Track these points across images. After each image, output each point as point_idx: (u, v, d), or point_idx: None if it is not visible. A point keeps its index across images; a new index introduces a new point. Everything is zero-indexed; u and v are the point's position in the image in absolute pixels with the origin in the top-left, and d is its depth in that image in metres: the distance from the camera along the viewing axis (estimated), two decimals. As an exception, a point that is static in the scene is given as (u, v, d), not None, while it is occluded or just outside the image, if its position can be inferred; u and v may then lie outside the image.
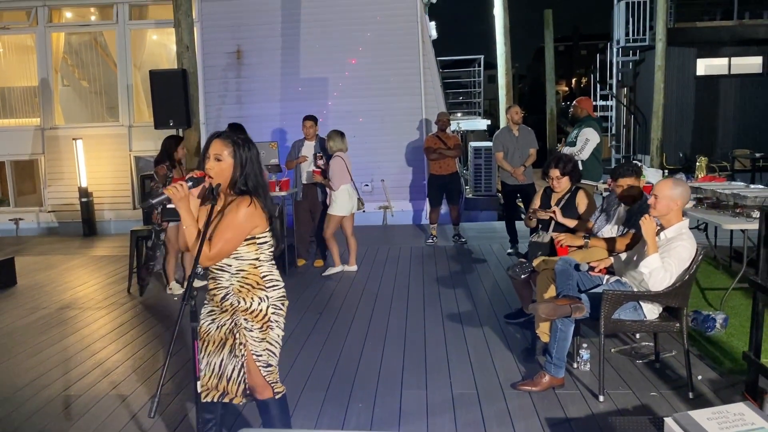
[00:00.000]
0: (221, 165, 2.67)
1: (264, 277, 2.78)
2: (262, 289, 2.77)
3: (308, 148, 7.58)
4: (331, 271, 7.22)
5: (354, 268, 7.37)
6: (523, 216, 8.95)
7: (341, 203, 7.02)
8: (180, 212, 2.58)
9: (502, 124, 15.27)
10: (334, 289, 6.61)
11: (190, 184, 2.55)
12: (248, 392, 2.84)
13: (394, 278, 6.99)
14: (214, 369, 2.81)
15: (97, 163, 11.04)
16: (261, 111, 11.16)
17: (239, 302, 2.76)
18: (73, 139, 10.70)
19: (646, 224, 3.65)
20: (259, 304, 2.76)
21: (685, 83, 15.90)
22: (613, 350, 4.59)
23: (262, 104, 11.18)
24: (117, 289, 6.92)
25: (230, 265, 2.75)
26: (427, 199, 9.33)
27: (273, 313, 2.79)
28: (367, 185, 11.08)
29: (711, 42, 15.73)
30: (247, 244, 2.73)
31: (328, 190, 7.19)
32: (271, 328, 2.80)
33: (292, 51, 11.12)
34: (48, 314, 6.05)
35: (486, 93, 16.62)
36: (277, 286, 2.82)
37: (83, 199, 10.57)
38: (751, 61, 15.88)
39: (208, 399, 2.83)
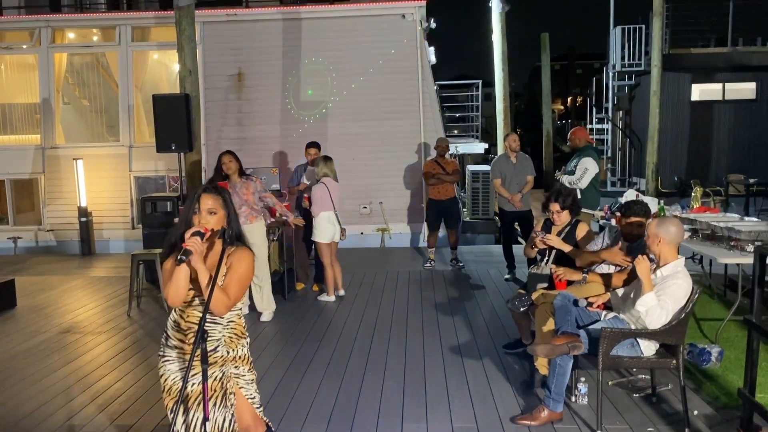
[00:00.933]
0: (216, 218, 2.78)
1: (244, 326, 2.98)
2: (243, 337, 2.95)
3: (310, 173, 7.66)
4: (324, 298, 7.27)
5: (332, 298, 7.28)
6: (520, 239, 9.07)
7: (321, 230, 7.07)
8: (197, 267, 2.63)
9: (499, 144, 15.44)
10: (332, 316, 6.65)
11: (198, 238, 2.62)
12: None
13: (392, 304, 7.04)
14: (196, 426, 2.78)
15: (96, 182, 11.11)
16: (261, 133, 11.28)
17: (228, 352, 2.86)
18: (74, 159, 10.77)
19: (641, 265, 3.74)
20: (242, 349, 2.93)
21: (680, 108, 16.10)
22: (610, 383, 4.65)
23: (262, 126, 11.30)
24: (117, 313, 6.95)
25: (223, 317, 2.83)
26: (425, 223, 9.42)
27: (251, 355, 2.99)
28: (365, 207, 11.18)
29: (705, 68, 15.96)
30: None
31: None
32: (253, 368, 2.98)
33: (292, 74, 11.25)
34: (49, 338, 6.08)
35: (483, 111, 16.84)
36: (248, 334, 3.02)
37: (82, 219, 10.62)
38: (745, 86, 16.10)
39: None
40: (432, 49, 12.37)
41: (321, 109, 11.26)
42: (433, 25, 11.64)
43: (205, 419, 2.62)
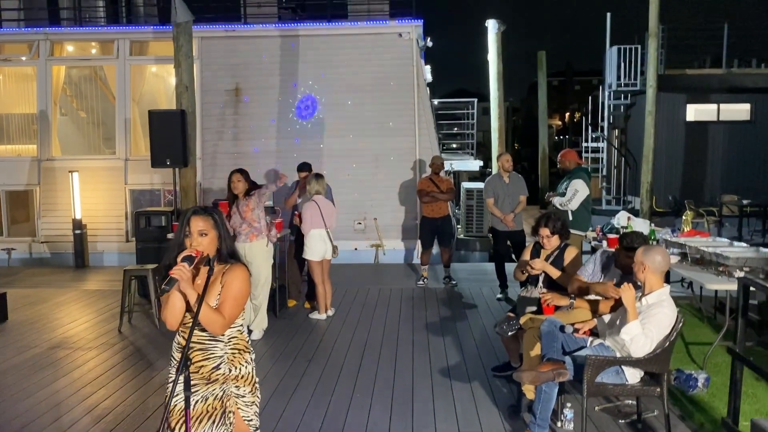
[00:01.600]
0: (208, 239, 2.80)
1: (247, 341, 2.97)
2: (248, 353, 2.94)
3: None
4: (315, 316, 7.29)
5: (323, 317, 7.29)
6: (513, 257, 9.09)
7: (312, 248, 7.10)
8: (186, 292, 2.66)
9: (494, 160, 15.53)
10: (323, 334, 6.66)
11: (187, 263, 2.65)
12: None
13: (384, 323, 7.06)
14: None
15: (92, 195, 11.13)
16: (257, 148, 11.31)
17: (230, 370, 2.86)
18: (70, 171, 10.80)
19: (626, 293, 3.77)
20: (246, 367, 2.92)
21: (675, 128, 16.21)
22: (596, 408, 4.66)
23: (258, 141, 11.35)
24: (108, 328, 6.96)
25: (224, 334, 2.84)
26: (419, 240, 9.45)
27: (256, 375, 2.97)
28: (359, 223, 11.21)
29: (700, 89, 16.09)
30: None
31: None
32: (257, 390, 2.96)
33: (289, 90, 11.32)
34: (39, 353, 6.08)
35: (479, 125, 16.98)
36: (252, 348, 2.99)
37: (77, 231, 10.62)
38: (740, 107, 16.22)
39: None
40: (428, 67, 12.49)
41: (317, 125, 11.32)
42: (430, 43, 11.75)
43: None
